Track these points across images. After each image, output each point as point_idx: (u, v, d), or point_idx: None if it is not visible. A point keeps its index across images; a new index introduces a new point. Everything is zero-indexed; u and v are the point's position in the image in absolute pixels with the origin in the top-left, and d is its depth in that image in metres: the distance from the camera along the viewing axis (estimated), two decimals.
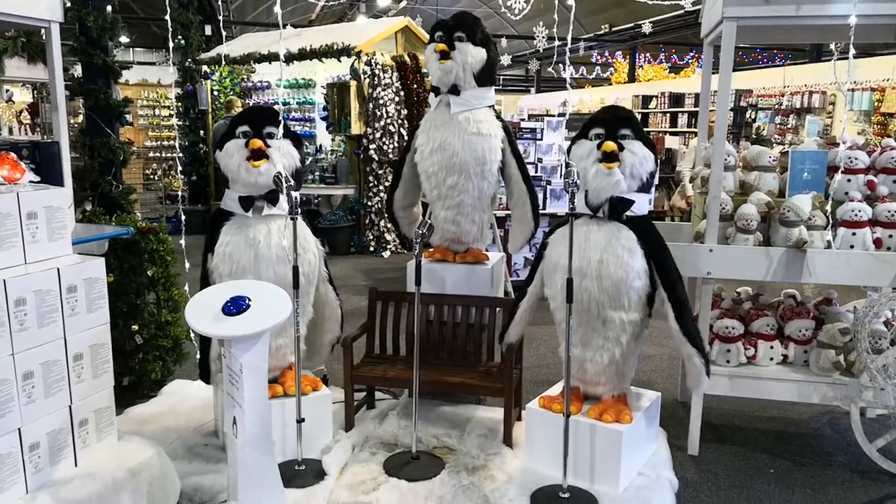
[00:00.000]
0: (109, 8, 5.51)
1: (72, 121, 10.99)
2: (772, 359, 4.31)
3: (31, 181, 3.20)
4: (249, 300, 3.11)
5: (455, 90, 4.36)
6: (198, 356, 4.11)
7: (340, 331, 4.39)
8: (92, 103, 5.40)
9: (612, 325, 3.59)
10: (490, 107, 4.49)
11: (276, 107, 11.66)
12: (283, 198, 3.79)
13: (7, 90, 14.35)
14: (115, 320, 4.74)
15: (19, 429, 2.83)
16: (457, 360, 4.46)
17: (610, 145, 3.51)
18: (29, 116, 12.54)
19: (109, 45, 5.54)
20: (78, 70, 5.83)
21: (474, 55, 4.31)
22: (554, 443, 3.63)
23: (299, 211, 3.68)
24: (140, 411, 4.52)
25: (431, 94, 4.55)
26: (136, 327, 4.84)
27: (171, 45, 4.95)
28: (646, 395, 4.03)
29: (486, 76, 4.40)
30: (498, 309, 4.49)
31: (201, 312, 3.09)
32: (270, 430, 3.22)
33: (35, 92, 12.75)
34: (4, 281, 2.76)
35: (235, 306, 3.07)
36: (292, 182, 3.64)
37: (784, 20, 3.96)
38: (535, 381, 5.35)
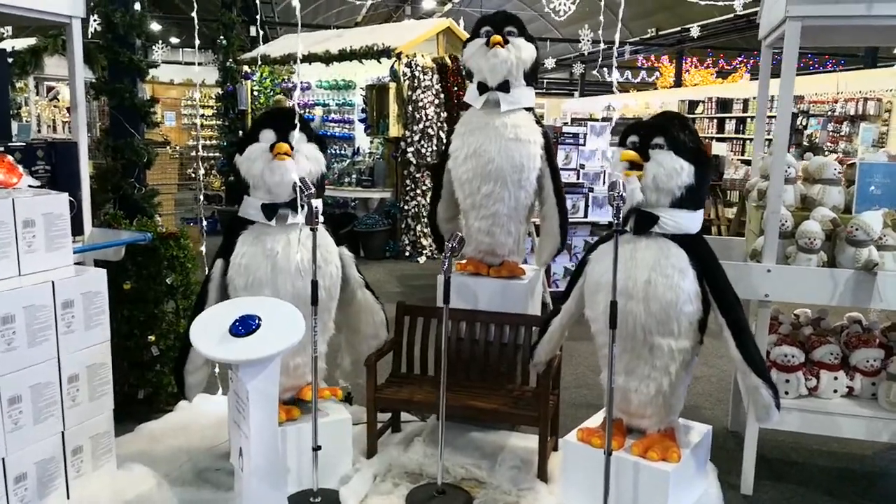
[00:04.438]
0: (137, 5, 5.32)
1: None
2: (835, 391, 3.92)
3: (30, 185, 2.98)
4: (260, 320, 2.85)
5: (505, 86, 4.08)
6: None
7: (387, 333, 4.17)
8: (117, 103, 5.20)
9: (660, 352, 3.26)
10: (529, 110, 4.19)
11: (315, 108, 11.52)
12: (303, 212, 3.54)
13: (53, 88, 14.44)
14: (131, 330, 4.59)
15: (3, 459, 2.59)
16: (488, 382, 4.15)
17: (627, 154, 3.26)
18: (68, 115, 12.57)
19: (137, 42, 5.34)
20: None
21: (528, 50, 4.09)
22: (593, 480, 3.31)
23: (321, 220, 3.42)
24: (152, 428, 4.28)
25: (473, 92, 4.22)
26: (152, 338, 4.62)
27: (196, 42, 4.74)
28: (695, 429, 3.68)
29: (532, 75, 4.19)
30: (534, 328, 4.17)
31: (207, 332, 2.84)
32: (279, 462, 2.95)
33: None
34: None
35: (244, 326, 2.82)
36: (312, 189, 3.37)
37: (854, 20, 3.58)
38: (573, 404, 5.02)
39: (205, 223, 5.60)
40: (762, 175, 4.26)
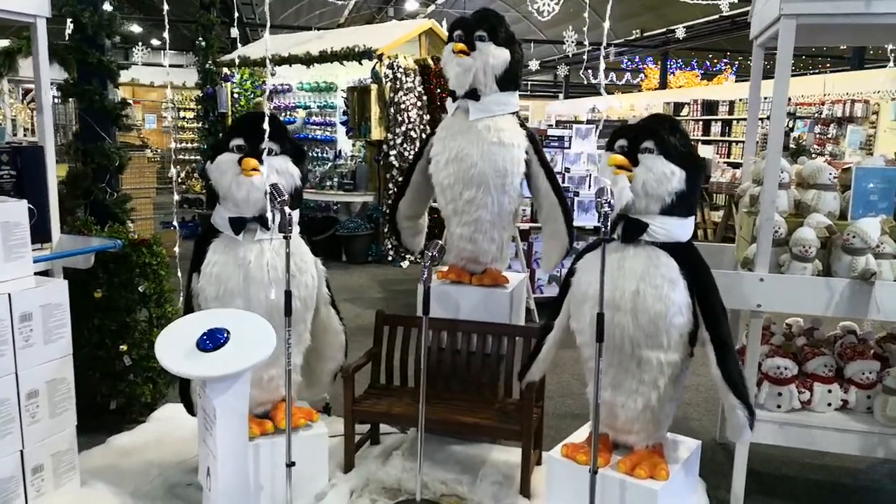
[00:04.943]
0: (107, 4, 5.14)
1: None
2: (829, 404, 3.80)
3: None
4: (228, 333, 2.70)
5: (474, 94, 3.94)
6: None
7: (344, 358, 3.96)
8: (86, 105, 5.01)
9: (649, 366, 3.13)
10: (513, 113, 4.05)
11: (297, 111, 11.30)
12: (276, 219, 3.37)
13: (30, 91, 14.17)
14: (102, 339, 4.43)
15: None
16: (470, 394, 4.01)
17: (615, 159, 3.13)
18: None
19: (107, 42, 5.15)
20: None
21: (496, 56, 3.89)
22: (578, 498, 3.18)
23: (295, 228, 3.27)
24: (123, 441, 4.11)
25: (449, 100, 4.13)
26: (124, 347, 4.44)
27: (167, 42, 4.57)
28: (684, 444, 3.56)
29: (508, 79, 3.97)
30: (518, 338, 4.04)
31: (173, 346, 2.68)
32: (248, 483, 2.80)
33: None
34: None
35: (212, 340, 2.67)
36: (286, 196, 3.20)
37: (851, 18, 3.46)
38: (556, 415, 4.88)
39: (178, 228, 5.44)
40: (754, 180, 4.14)
